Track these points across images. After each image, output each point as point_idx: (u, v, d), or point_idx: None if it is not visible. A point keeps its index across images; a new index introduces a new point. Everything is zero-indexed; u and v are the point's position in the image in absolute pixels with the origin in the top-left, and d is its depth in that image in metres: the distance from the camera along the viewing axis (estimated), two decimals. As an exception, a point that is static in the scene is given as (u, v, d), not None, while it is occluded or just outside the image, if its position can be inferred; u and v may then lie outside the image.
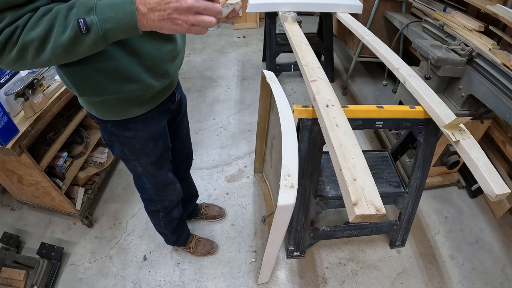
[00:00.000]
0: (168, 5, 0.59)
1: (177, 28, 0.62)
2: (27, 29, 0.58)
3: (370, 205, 0.79)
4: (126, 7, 0.59)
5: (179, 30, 0.63)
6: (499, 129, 1.81)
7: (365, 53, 2.75)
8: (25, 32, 0.58)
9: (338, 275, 1.63)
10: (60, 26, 0.59)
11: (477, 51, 1.53)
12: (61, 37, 0.59)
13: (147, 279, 1.61)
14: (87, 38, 0.60)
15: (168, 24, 0.62)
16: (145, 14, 0.61)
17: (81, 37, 0.60)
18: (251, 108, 2.79)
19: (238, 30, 4.28)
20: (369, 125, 1.25)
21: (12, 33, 0.58)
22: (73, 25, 0.58)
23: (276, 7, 2.25)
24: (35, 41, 0.59)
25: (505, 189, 0.93)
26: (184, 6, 0.59)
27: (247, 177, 2.15)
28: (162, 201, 1.29)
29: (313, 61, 1.43)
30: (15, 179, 1.62)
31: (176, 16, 0.60)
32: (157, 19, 0.61)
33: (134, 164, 1.11)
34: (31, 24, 0.58)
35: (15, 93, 1.34)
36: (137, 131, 0.99)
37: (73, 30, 0.59)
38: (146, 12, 0.61)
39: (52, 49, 0.60)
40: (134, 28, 0.62)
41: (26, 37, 0.58)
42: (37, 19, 0.59)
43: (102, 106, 0.90)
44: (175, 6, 0.59)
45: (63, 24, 0.59)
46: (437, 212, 1.95)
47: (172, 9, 0.60)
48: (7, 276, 1.46)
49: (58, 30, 0.59)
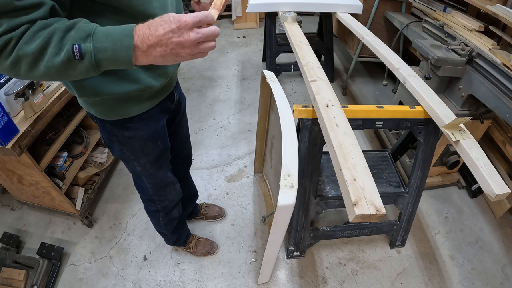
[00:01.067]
0: (171, 40, 0.58)
1: (179, 59, 0.62)
2: (22, 42, 0.57)
3: (370, 205, 0.79)
4: (124, 40, 0.58)
5: (182, 60, 0.63)
6: (499, 129, 1.81)
7: (365, 53, 2.75)
8: (20, 45, 0.57)
9: (338, 275, 1.63)
10: (54, 47, 0.58)
11: (477, 51, 1.53)
12: (54, 58, 0.58)
13: (147, 279, 1.61)
14: (80, 64, 0.59)
15: (171, 58, 0.61)
16: (145, 52, 0.60)
17: (74, 63, 0.59)
18: (251, 108, 2.79)
19: (238, 30, 4.28)
20: (369, 125, 1.25)
21: (7, 43, 0.57)
22: (67, 49, 0.57)
23: (276, 7, 2.25)
24: (29, 56, 0.57)
25: (505, 189, 0.93)
26: (188, 40, 0.58)
27: (247, 177, 2.15)
28: (161, 201, 1.29)
29: (313, 61, 1.43)
30: (15, 179, 1.62)
31: (179, 50, 0.59)
32: (159, 55, 0.60)
33: (133, 163, 1.11)
34: (27, 38, 0.57)
35: (15, 93, 1.34)
36: (136, 131, 0.99)
37: (66, 54, 0.57)
38: (146, 50, 0.60)
39: (45, 68, 0.59)
40: (128, 62, 0.60)
41: (20, 50, 0.57)
42: (33, 33, 0.57)
43: (100, 106, 0.91)
44: (177, 41, 0.58)
45: (58, 45, 0.58)
46: (437, 212, 1.95)
47: (175, 44, 0.58)
48: (7, 276, 1.46)
49: (52, 50, 0.58)
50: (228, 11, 4.36)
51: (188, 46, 0.59)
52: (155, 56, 0.60)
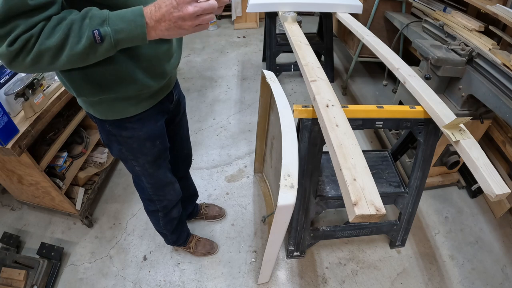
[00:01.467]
0: (172, 15, 0.66)
1: (183, 32, 0.69)
2: (43, 38, 0.62)
3: (370, 205, 0.79)
4: (137, 20, 0.66)
5: (186, 33, 0.70)
6: (499, 129, 1.81)
7: (365, 53, 2.75)
8: (41, 41, 0.62)
9: (338, 275, 1.63)
10: (75, 36, 0.63)
11: (477, 51, 1.53)
12: (76, 46, 0.63)
13: (147, 279, 1.61)
14: (101, 47, 0.65)
15: (175, 31, 0.68)
16: (153, 26, 0.67)
17: (95, 46, 0.65)
18: (251, 108, 2.79)
19: (238, 30, 4.28)
20: (369, 125, 1.25)
21: (27, 41, 0.61)
22: (88, 35, 0.63)
23: (276, 7, 2.25)
24: (52, 49, 0.63)
25: (505, 189, 0.93)
26: (186, 14, 0.65)
27: (247, 177, 2.15)
28: (161, 201, 1.30)
29: (313, 61, 1.43)
30: (15, 179, 1.62)
31: (181, 23, 0.67)
32: (164, 28, 0.68)
33: (132, 163, 1.11)
34: (46, 33, 0.62)
35: (15, 93, 1.34)
36: (135, 131, 1.00)
37: (88, 40, 0.63)
38: (153, 25, 0.67)
39: (67, 57, 0.64)
40: (143, 38, 0.68)
41: (42, 45, 0.62)
42: (51, 28, 0.62)
43: (99, 105, 0.91)
44: (178, 15, 0.65)
45: (78, 34, 0.63)
46: (437, 212, 1.95)
47: (176, 18, 0.66)
48: (7, 276, 1.46)
49: (73, 39, 0.63)
50: (228, 11, 4.36)
51: (188, 18, 0.66)
52: (162, 30, 0.68)
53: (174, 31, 0.68)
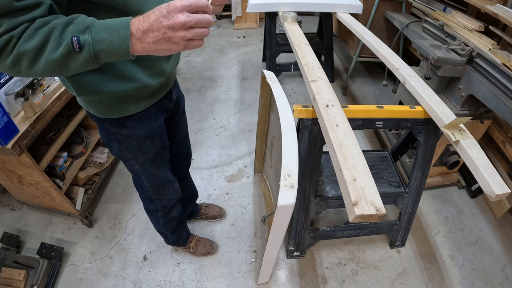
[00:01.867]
0: (161, 24, 0.59)
1: (173, 47, 0.62)
2: (23, 39, 0.59)
3: (370, 205, 0.79)
4: (121, 31, 0.60)
5: (176, 49, 0.62)
6: (499, 129, 1.81)
7: (365, 53, 2.75)
8: (21, 43, 0.59)
9: (338, 275, 1.63)
10: (54, 41, 0.59)
11: (477, 51, 1.53)
12: (54, 52, 0.60)
13: (147, 279, 1.61)
14: (79, 56, 0.61)
15: (164, 44, 0.61)
16: (140, 38, 0.61)
17: (73, 55, 0.60)
18: (251, 108, 2.79)
19: (238, 30, 4.28)
20: (369, 125, 1.25)
21: (7, 41, 0.58)
22: (66, 42, 0.59)
23: (276, 7, 2.25)
24: (29, 53, 0.59)
25: (505, 189, 0.93)
26: (177, 23, 0.59)
27: (247, 177, 2.15)
28: (160, 200, 1.30)
29: (313, 61, 1.43)
30: (15, 179, 1.62)
31: (171, 34, 0.60)
32: (152, 41, 0.61)
33: (132, 162, 1.11)
34: (27, 36, 0.59)
35: (15, 93, 1.34)
36: (134, 129, 1.00)
37: (66, 47, 0.59)
38: (140, 36, 0.61)
39: (45, 63, 0.60)
40: (125, 52, 0.62)
41: (21, 48, 0.59)
42: (33, 30, 0.59)
43: (99, 104, 0.91)
44: (168, 24, 0.59)
45: (57, 39, 0.59)
46: (437, 212, 1.95)
47: (166, 28, 0.59)
48: (7, 276, 1.46)
49: (52, 45, 0.59)
50: (228, 11, 4.36)
51: (179, 28, 0.59)
52: (149, 43, 0.61)
53: (162, 45, 0.61)
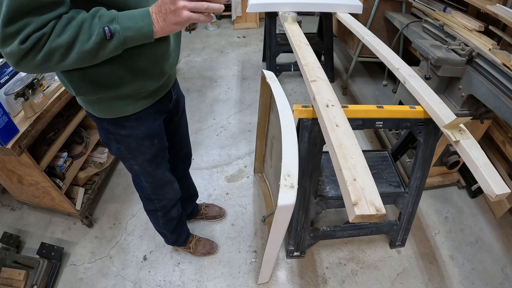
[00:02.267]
0: (164, 1, 0.68)
1: (178, 18, 0.68)
2: (54, 35, 0.63)
3: (370, 205, 0.79)
4: (144, 19, 0.69)
5: (181, 20, 0.69)
6: (499, 129, 1.81)
7: (365, 53, 2.75)
8: (52, 39, 0.63)
9: (338, 275, 1.63)
10: (85, 33, 0.65)
11: (477, 51, 1.53)
12: (87, 43, 0.66)
13: (147, 279, 1.61)
14: (110, 44, 0.68)
15: (172, 18, 0.69)
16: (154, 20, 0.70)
17: (104, 43, 0.67)
18: (251, 108, 2.79)
19: (238, 30, 4.28)
20: (369, 125, 1.25)
21: (38, 39, 0.62)
22: (98, 32, 0.66)
23: (276, 7, 2.25)
24: (62, 47, 0.64)
25: (505, 189, 0.93)
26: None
27: (247, 177, 2.15)
28: (160, 200, 1.30)
29: (313, 61, 1.43)
30: (15, 179, 1.62)
31: (173, 7, 0.67)
32: (162, 19, 0.69)
33: (131, 162, 1.11)
34: (58, 31, 0.63)
35: (15, 93, 1.34)
36: (133, 129, 1.00)
37: (98, 36, 0.66)
38: (154, 17, 0.70)
39: (78, 54, 0.66)
40: (149, 36, 0.71)
41: (53, 43, 0.63)
42: (62, 26, 0.64)
43: (98, 104, 0.92)
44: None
45: (88, 31, 0.66)
46: (437, 212, 1.95)
47: (169, 3, 0.67)
48: (7, 276, 1.46)
49: (83, 36, 0.65)
50: (228, 11, 4.36)
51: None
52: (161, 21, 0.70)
53: (170, 18, 0.69)
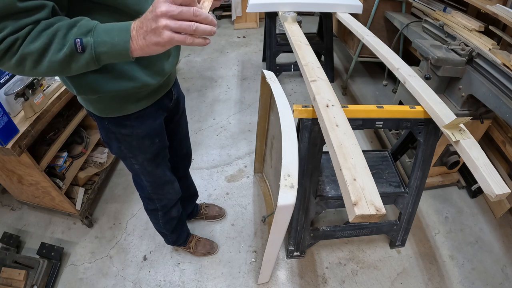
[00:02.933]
0: (147, 17, 0.61)
1: (159, 39, 0.61)
2: (27, 41, 0.61)
3: (370, 205, 0.79)
4: (121, 34, 0.63)
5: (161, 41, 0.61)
6: (499, 129, 1.81)
7: (365, 53, 2.75)
8: (25, 44, 0.61)
9: (338, 275, 1.63)
10: (58, 43, 0.62)
11: (477, 51, 1.53)
12: (58, 54, 0.62)
13: (147, 279, 1.61)
14: (82, 57, 0.63)
15: (152, 37, 0.61)
16: (133, 37, 0.63)
17: (76, 56, 0.63)
18: (251, 108, 2.79)
19: (238, 30, 4.28)
20: (369, 125, 1.25)
21: (12, 43, 0.60)
22: (70, 44, 0.62)
23: (276, 7, 2.25)
24: (34, 54, 0.62)
25: (505, 189, 0.93)
26: (158, 12, 0.59)
27: (247, 177, 2.15)
28: (160, 200, 1.30)
29: (313, 61, 1.43)
30: (15, 179, 1.62)
31: (155, 25, 0.60)
32: (142, 37, 0.62)
33: (131, 161, 1.11)
34: (32, 38, 0.61)
35: (15, 93, 1.34)
36: (133, 128, 1.00)
37: (69, 48, 0.62)
38: (134, 34, 0.63)
39: (49, 63, 0.63)
40: (125, 55, 0.64)
41: (26, 49, 0.61)
42: (37, 33, 0.62)
43: (98, 103, 0.92)
44: (152, 16, 0.60)
45: (61, 41, 0.62)
46: (437, 212, 1.95)
47: (151, 19, 0.60)
48: (7, 276, 1.46)
49: (56, 46, 0.62)
50: (228, 11, 4.36)
51: (161, 16, 0.59)
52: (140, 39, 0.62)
53: (150, 37, 0.61)
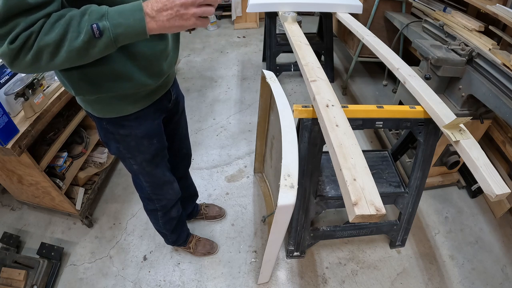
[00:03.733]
0: (174, 2, 0.65)
1: (185, 23, 0.68)
2: (42, 34, 0.62)
3: (370, 205, 0.79)
4: (136, 14, 0.65)
5: (187, 25, 0.68)
6: (499, 129, 1.81)
7: (365, 53, 2.75)
8: (40, 37, 0.62)
9: (338, 275, 1.63)
10: (74, 31, 0.63)
11: (477, 51, 1.53)
12: (75, 41, 0.63)
13: (147, 279, 1.61)
14: (100, 42, 0.65)
15: (177, 21, 0.67)
16: (154, 17, 0.66)
17: (94, 41, 0.64)
18: (251, 108, 2.79)
19: (238, 30, 4.28)
20: (369, 125, 1.25)
21: (27, 38, 0.61)
22: (87, 30, 0.63)
23: (276, 7, 2.25)
24: (51, 46, 0.62)
25: (505, 189, 0.93)
26: (189, 0, 0.65)
27: (247, 177, 2.15)
28: (160, 200, 1.30)
29: (313, 61, 1.43)
30: (15, 179, 1.62)
31: (184, 12, 0.66)
32: (166, 19, 0.66)
33: (130, 162, 1.11)
34: (46, 30, 0.62)
35: (15, 93, 1.34)
36: (132, 129, 1.00)
37: (87, 35, 0.63)
38: (154, 15, 0.66)
39: (67, 52, 0.64)
40: (142, 33, 0.67)
41: (42, 41, 0.62)
42: (51, 24, 0.62)
43: (97, 104, 0.92)
44: (180, 2, 0.65)
45: (77, 29, 0.63)
46: (437, 212, 1.95)
47: (179, 5, 0.65)
48: (7, 276, 1.46)
49: (72, 35, 0.63)
50: (228, 11, 4.36)
51: (190, 5, 0.66)
52: (163, 21, 0.67)
53: (175, 21, 0.67)
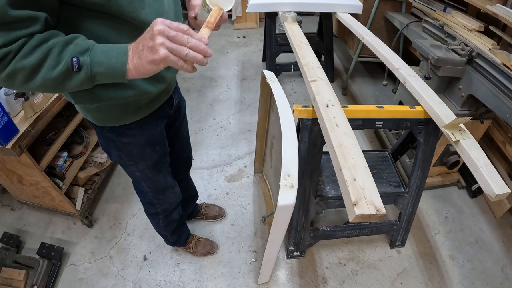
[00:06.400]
0: (144, 36, 0.63)
1: (155, 56, 0.61)
2: (20, 56, 0.59)
3: (370, 205, 0.79)
4: (119, 56, 0.63)
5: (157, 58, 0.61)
6: (499, 129, 1.81)
7: (365, 53, 2.74)
8: (18, 59, 0.59)
9: (338, 275, 1.63)
10: (53, 59, 0.61)
11: (477, 51, 1.53)
12: (53, 71, 0.61)
13: (147, 279, 1.61)
14: (77, 76, 0.62)
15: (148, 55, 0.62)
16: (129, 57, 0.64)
17: (71, 74, 0.62)
18: (251, 108, 2.79)
19: (238, 30, 4.28)
20: (369, 125, 1.25)
21: (4, 56, 0.58)
22: (66, 61, 0.61)
23: (276, 7, 2.25)
24: (26, 69, 0.60)
25: (505, 189, 0.93)
26: (155, 30, 0.60)
27: (247, 177, 2.15)
28: (161, 204, 1.29)
29: (313, 61, 1.43)
30: (15, 179, 1.62)
31: (152, 43, 0.61)
32: (137, 56, 0.63)
33: (132, 169, 1.09)
34: (25, 52, 0.59)
35: (15, 93, 1.34)
36: (134, 137, 0.98)
37: (65, 66, 0.61)
38: (131, 55, 0.64)
39: (42, 79, 0.61)
40: (121, 76, 0.65)
41: (18, 63, 0.59)
42: (31, 47, 0.60)
43: (97, 112, 0.89)
44: (149, 35, 0.62)
45: (56, 58, 0.61)
46: (437, 212, 1.95)
47: (148, 38, 0.61)
48: (7, 276, 1.46)
49: (50, 63, 0.61)
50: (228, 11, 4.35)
51: (157, 35, 0.60)
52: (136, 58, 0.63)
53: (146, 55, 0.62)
